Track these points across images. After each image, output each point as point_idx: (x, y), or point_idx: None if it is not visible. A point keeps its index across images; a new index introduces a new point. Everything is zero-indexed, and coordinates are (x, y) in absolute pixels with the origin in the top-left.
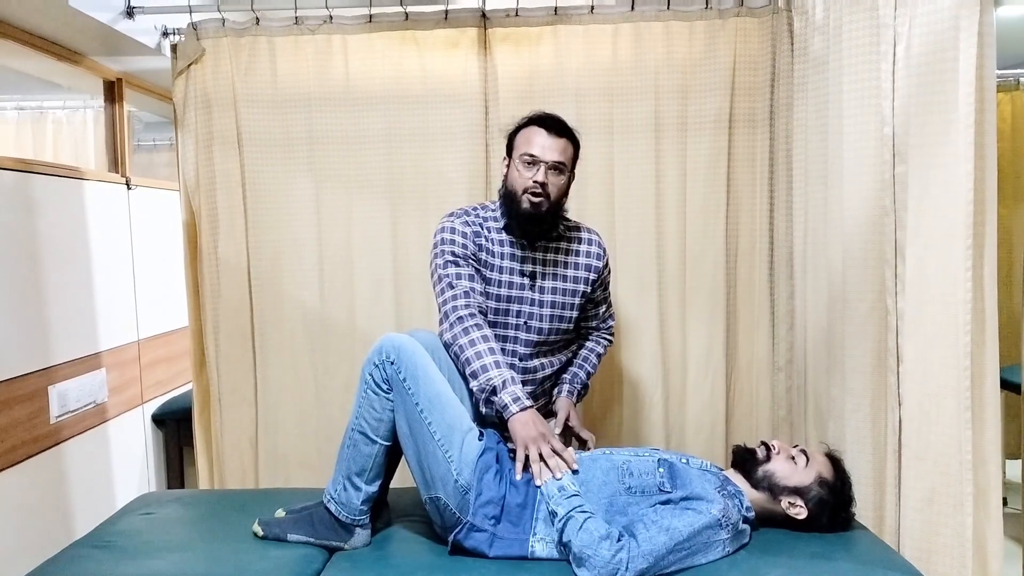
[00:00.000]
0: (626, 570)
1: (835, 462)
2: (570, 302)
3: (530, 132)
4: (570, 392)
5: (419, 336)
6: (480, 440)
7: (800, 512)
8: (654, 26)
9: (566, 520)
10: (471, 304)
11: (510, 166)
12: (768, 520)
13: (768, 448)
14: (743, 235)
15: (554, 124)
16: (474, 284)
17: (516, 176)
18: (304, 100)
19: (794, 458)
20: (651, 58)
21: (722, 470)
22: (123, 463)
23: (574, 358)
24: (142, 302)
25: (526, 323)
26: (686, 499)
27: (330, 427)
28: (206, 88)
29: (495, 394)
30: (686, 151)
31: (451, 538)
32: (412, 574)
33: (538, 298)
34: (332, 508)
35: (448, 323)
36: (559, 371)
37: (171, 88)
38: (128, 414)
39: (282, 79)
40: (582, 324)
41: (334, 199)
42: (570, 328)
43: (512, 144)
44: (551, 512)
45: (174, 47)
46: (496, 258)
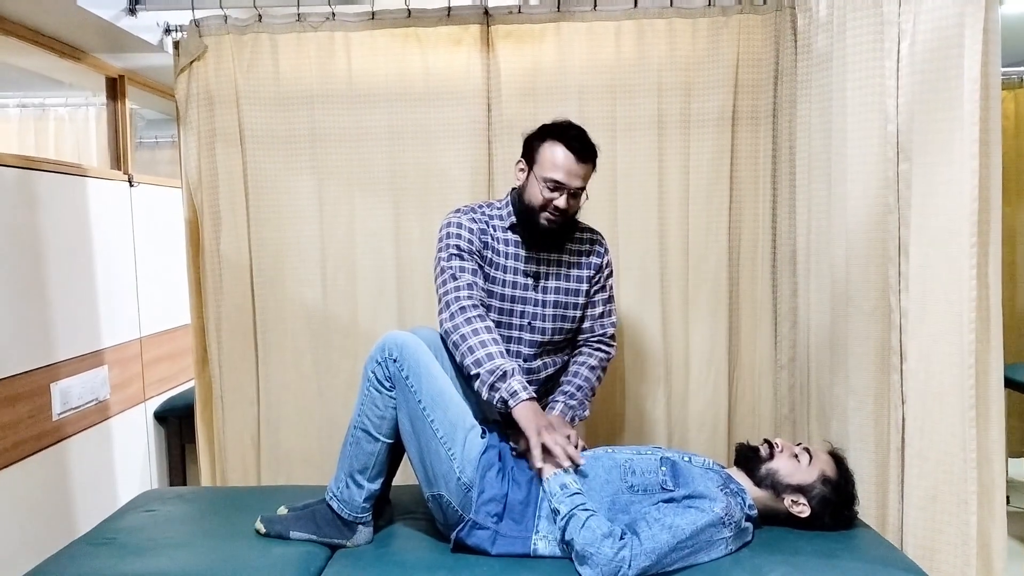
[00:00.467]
0: (628, 568)
1: (838, 460)
2: (573, 302)
3: (557, 154)
4: (551, 408)
5: (422, 334)
6: (483, 438)
7: (803, 510)
8: (657, 23)
9: (568, 518)
10: (473, 296)
11: (529, 177)
12: (771, 518)
13: (771, 446)
14: (746, 233)
15: (582, 149)
16: (477, 279)
17: (536, 193)
18: (306, 97)
19: (797, 456)
20: (654, 55)
21: (724, 468)
22: (125, 460)
23: (565, 378)
24: (144, 299)
25: (530, 323)
26: (689, 497)
27: (332, 424)
28: (208, 85)
29: (504, 379)
30: (689, 148)
31: (453, 536)
32: (414, 572)
33: (541, 298)
34: (334, 505)
35: (448, 312)
36: (561, 371)
37: (173, 85)
38: (130, 411)
39: (284, 76)
40: (578, 327)
41: (336, 196)
42: (573, 328)
43: (534, 155)
44: (553, 510)
45: (176, 44)
46: (501, 257)
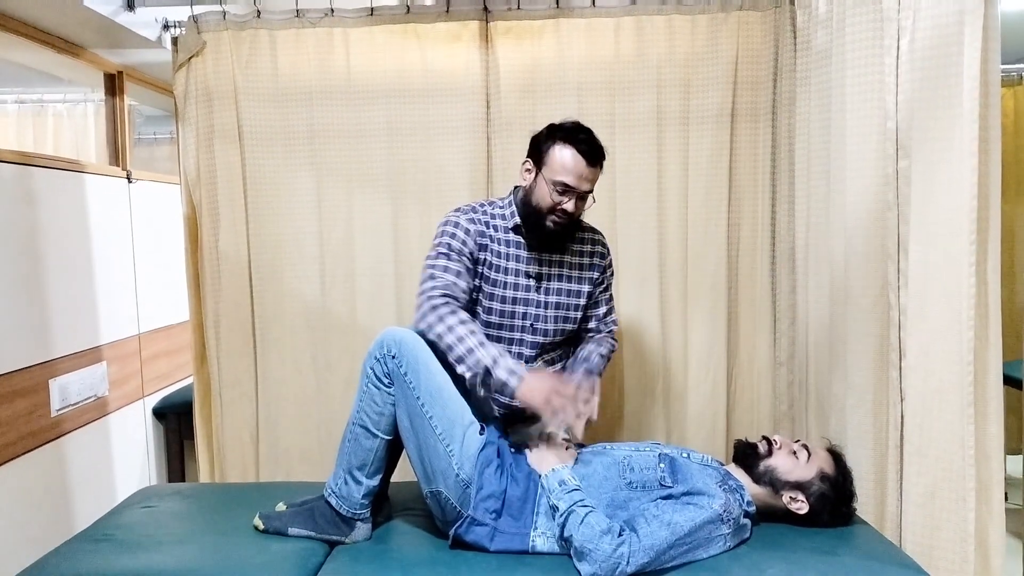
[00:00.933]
0: (627, 564)
1: (836, 457)
2: (575, 303)
3: (567, 157)
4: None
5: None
6: (481, 434)
7: (801, 507)
8: (656, 20)
9: (567, 514)
10: (447, 295)
11: (537, 179)
12: (769, 515)
13: (770, 443)
14: (745, 230)
15: (592, 152)
16: (459, 280)
17: (544, 195)
18: (305, 94)
19: (795, 453)
20: (653, 52)
21: (723, 465)
22: (124, 457)
23: (572, 359)
24: (143, 295)
25: (532, 325)
26: (687, 494)
27: (331, 421)
28: (207, 81)
29: (489, 374)
30: (688, 145)
31: (452, 532)
32: (413, 568)
33: (543, 300)
34: (333, 502)
35: (420, 313)
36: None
37: (172, 81)
38: (129, 408)
39: (283, 72)
40: (581, 326)
41: (335, 193)
42: (575, 329)
43: (543, 156)
44: (552, 506)
45: (175, 40)
46: (502, 259)
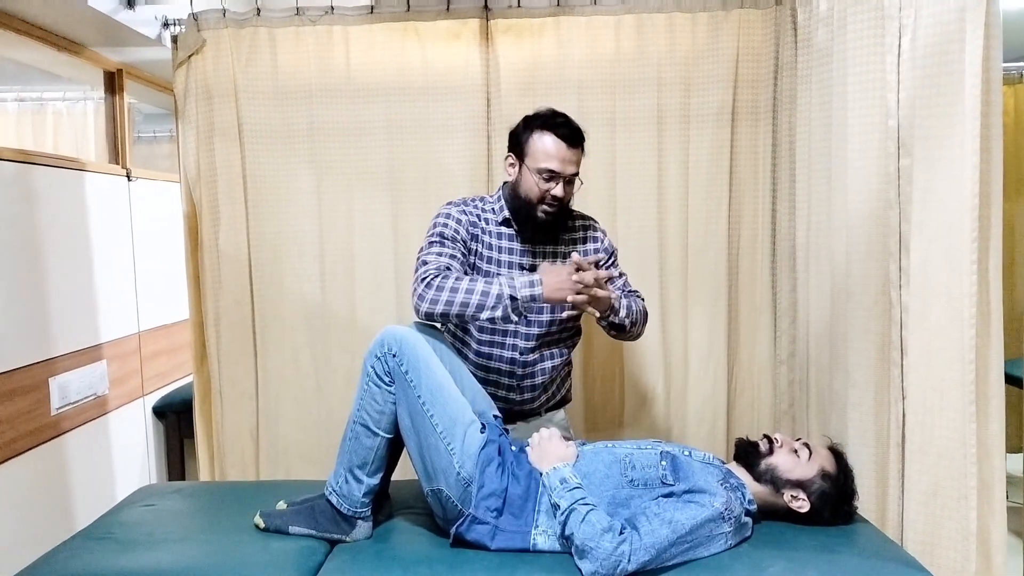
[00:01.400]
0: (628, 562)
1: (837, 455)
2: None
3: (547, 143)
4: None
5: (420, 328)
6: (482, 433)
7: (802, 505)
8: (657, 18)
9: (569, 512)
10: (439, 270)
11: (521, 171)
12: (770, 513)
13: (770, 441)
14: (745, 228)
15: (571, 135)
16: (454, 263)
17: (531, 185)
18: (305, 92)
19: (796, 451)
20: (654, 50)
21: (724, 463)
22: (124, 455)
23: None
24: (143, 294)
25: (526, 318)
26: (688, 492)
27: (331, 419)
28: (207, 79)
29: (513, 300)
30: (688, 143)
31: (453, 530)
32: (414, 566)
33: None
34: (333, 500)
35: (417, 295)
36: (561, 365)
37: (171, 79)
38: (129, 406)
39: (283, 70)
40: None
41: (335, 191)
42: (571, 318)
43: (523, 148)
44: (553, 504)
45: (174, 38)
46: (494, 252)
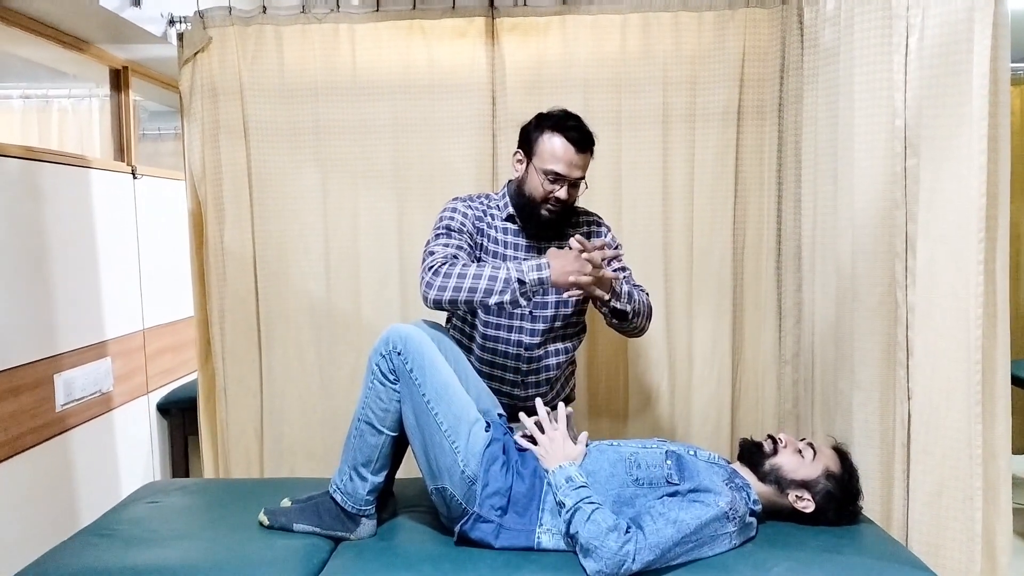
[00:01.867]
0: (632, 562)
1: (842, 455)
2: None
3: (556, 146)
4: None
5: (425, 327)
6: (487, 431)
7: (807, 505)
8: (663, 17)
9: (574, 511)
10: (447, 258)
11: (528, 169)
12: (775, 513)
13: (775, 441)
14: (751, 227)
15: (581, 139)
16: (461, 253)
17: (536, 185)
18: (311, 89)
19: (801, 451)
20: (660, 49)
21: (729, 463)
22: (128, 452)
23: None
24: (147, 291)
25: (531, 312)
26: (694, 491)
27: (335, 417)
28: (212, 77)
29: (521, 284)
30: (694, 143)
31: (457, 529)
32: (418, 565)
33: None
34: (338, 498)
35: (425, 283)
36: (566, 361)
37: (177, 77)
38: (133, 403)
39: (289, 68)
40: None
41: (340, 189)
42: (576, 312)
43: (532, 146)
44: (558, 503)
45: (180, 35)
46: (499, 247)
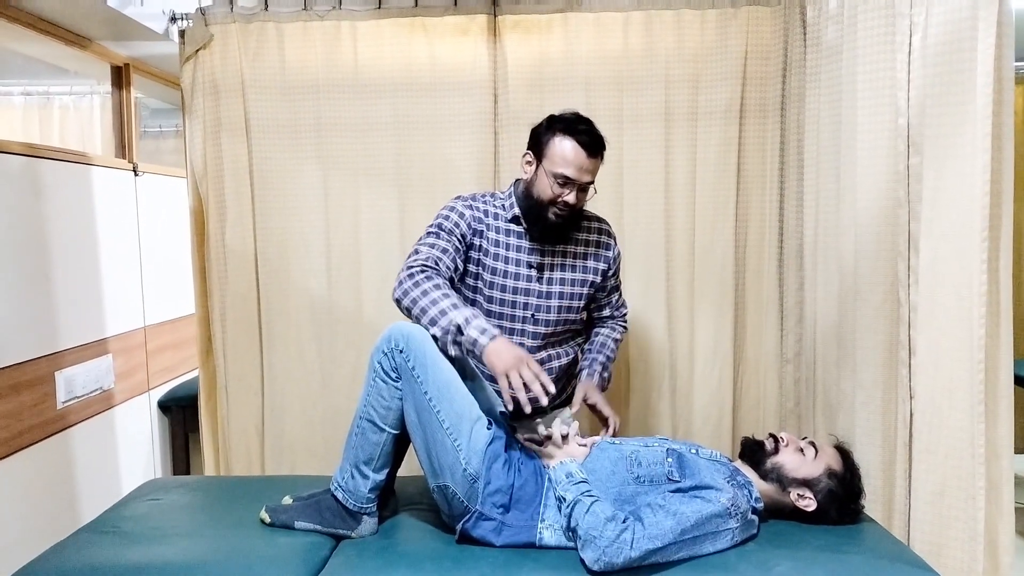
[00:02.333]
0: (631, 549)
1: (844, 454)
2: (579, 293)
3: (567, 149)
4: (590, 375)
5: None
6: (489, 429)
7: (809, 504)
8: (665, 15)
9: (573, 504)
10: (428, 267)
11: (538, 171)
12: (777, 512)
13: (776, 440)
14: (752, 226)
15: (592, 143)
16: (444, 256)
17: (545, 187)
18: (312, 87)
19: (803, 450)
20: (662, 47)
21: (731, 461)
22: (129, 449)
23: (589, 347)
24: (149, 288)
25: (533, 316)
26: (695, 488)
27: (336, 415)
28: (214, 74)
29: (460, 332)
30: (696, 141)
31: (459, 527)
32: (419, 563)
33: (545, 290)
34: (339, 496)
35: (398, 281)
36: (569, 363)
37: (179, 74)
38: (134, 400)
39: (290, 65)
40: (595, 314)
41: (342, 187)
42: (579, 319)
43: (543, 148)
44: (559, 498)
45: (182, 32)
46: (501, 248)
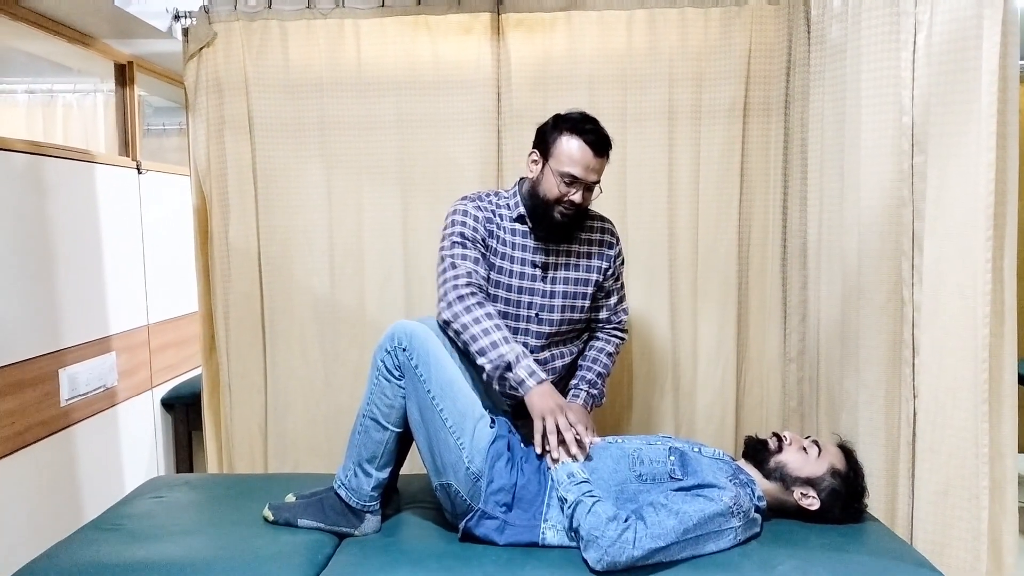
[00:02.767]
0: (633, 547)
1: (847, 453)
2: (583, 292)
3: (574, 148)
4: (575, 396)
5: (430, 323)
6: (492, 427)
7: (812, 503)
8: (669, 13)
9: (575, 505)
10: (472, 283)
11: (544, 170)
12: (780, 511)
13: (780, 439)
14: (756, 225)
15: (599, 143)
16: (478, 267)
17: (552, 186)
18: (315, 85)
19: (806, 449)
20: (665, 45)
21: (734, 460)
22: (132, 447)
23: (581, 361)
24: (152, 286)
25: (537, 315)
26: (698, 486)
27: (339, 413)
28: (217, 72)
29: (509, 369)
30: (700, 140)
31: (462, 525)
32: (422, 561)
33: (550, 289)
34: (342, 494)
35: (446, 301)
36: (571, 361)
37: (182, 72)
38: (137, 398)
39: (294, 64)
40: (592, 316)
41: (345, 185)
42: (583, 319)
43: (549, 147)
44: (561, 498)
45: (186, 30)
46: (507, 248)
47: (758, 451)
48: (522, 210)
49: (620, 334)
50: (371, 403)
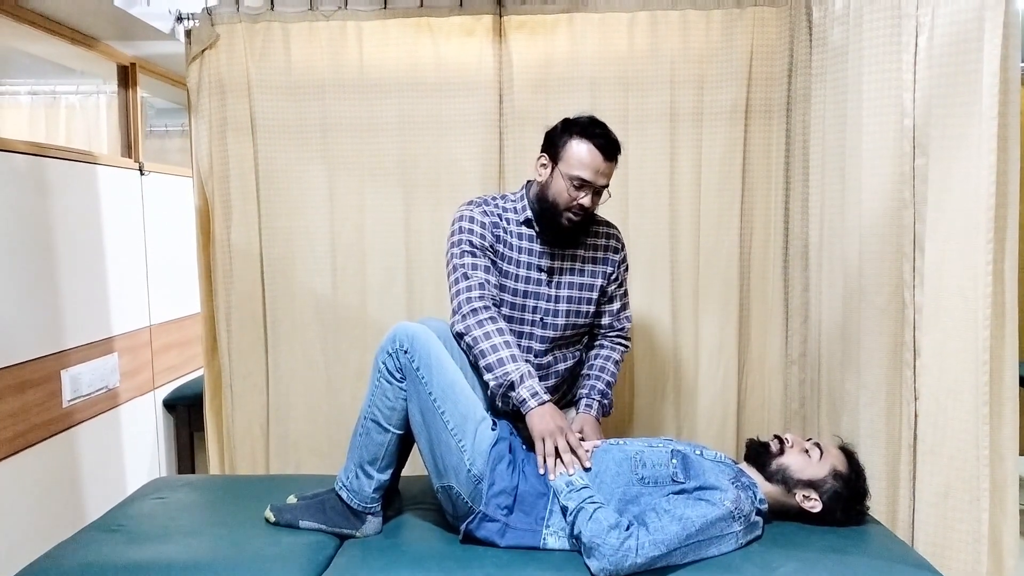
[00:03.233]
0: (636, 555)
1: (849, 455)
2: (587, 297)
3: (584, 152)
4: (588, 406)
5: (432, 325)
6: (493, 430)
7: (815, 505)
8: (671, 15)
9: (577, 512)
10: (485, 296)
11: (553, 173)
12: (782, 513)
13: (781, 441)
14: (758, 227)
15: (609, 147)
16: (489, 276)
17: (561, 190)
18: (318, 87)
19: (808, 451)
20: (667, 47)
21: (736, 462)
22: (134, 448)
23: (588, 370)
24: (154, 287)
25: (542, 319)
26: (699, 489)
27: (341, 414)
28: (220, 74)
29: (512, 389)
30: (701, 142)
31: (463, 527)
32: (423, 562)
33: (555, 294)
34: (344, 495)
35: (460, 314)
36: (574, 365)
37: (185, 73)
38: (139, 399)
39: (296, 65)
40: (595, 322)
41: (347, 187)
42: (586, 324)
43: (559, 151)
44: (562, 507)
45: (188, 32)
46: (513, 252)
47: (760, 453)
48: (529, 214)
49: (625, 342)
50: (372, 405)
